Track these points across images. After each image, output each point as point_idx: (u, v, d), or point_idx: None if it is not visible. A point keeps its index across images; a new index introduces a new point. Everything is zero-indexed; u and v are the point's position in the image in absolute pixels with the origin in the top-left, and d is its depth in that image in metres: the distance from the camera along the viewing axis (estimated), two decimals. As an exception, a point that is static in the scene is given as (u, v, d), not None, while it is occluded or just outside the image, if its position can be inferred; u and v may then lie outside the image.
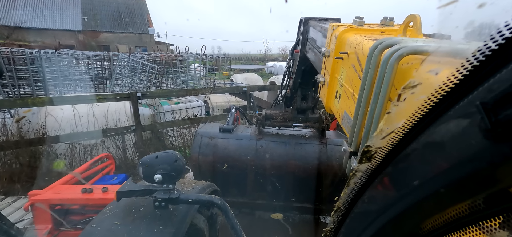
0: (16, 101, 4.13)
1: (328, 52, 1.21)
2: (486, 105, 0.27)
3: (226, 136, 2.76)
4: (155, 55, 8.02)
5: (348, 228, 0.63)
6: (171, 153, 1.10)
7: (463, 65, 0.32)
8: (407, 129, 0.42)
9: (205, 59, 8.75)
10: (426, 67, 0.50)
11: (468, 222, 0.32)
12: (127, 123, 4.65)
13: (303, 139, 2.75)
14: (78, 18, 26.04)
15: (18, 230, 0.93)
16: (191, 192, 1.19)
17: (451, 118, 0.34)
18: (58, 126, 3.98)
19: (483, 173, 0.28)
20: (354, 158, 0.77)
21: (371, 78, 0.67)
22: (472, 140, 0.29)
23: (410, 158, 0.42)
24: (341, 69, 1.08)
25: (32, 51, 5.68)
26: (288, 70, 2.60)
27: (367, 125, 0.68)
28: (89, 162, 3.53)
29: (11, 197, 3.26)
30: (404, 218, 0.42)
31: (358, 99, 0.75)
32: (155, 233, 0.99)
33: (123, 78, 6.88)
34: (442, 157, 0.34)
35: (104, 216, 1.09)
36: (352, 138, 0.80)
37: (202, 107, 5.95)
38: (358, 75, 0.83)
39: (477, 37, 0.41)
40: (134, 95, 4.46)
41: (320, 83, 1.35)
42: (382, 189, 0.50)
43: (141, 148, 4.57)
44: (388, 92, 0.62)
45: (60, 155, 3.89)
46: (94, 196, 2.61)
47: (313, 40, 1.75)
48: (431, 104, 0.37)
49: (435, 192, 0.34)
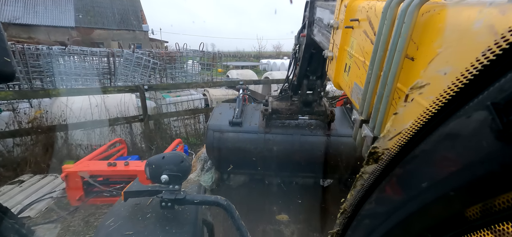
0: (39, 92, 4.59)
1: (337, 24, 1.16)
2: (498, 105, 0.26)
3: (235, 129, 2.86)
4: (156, 51, 8.46)
5: (355, 230, 0.61)
6: (178, 154, 1.11)
7: (473, 65, 0.31)
8: (415, 130, 0.41)
9: (203, 55, 9.24)
10: (453, 14, 0.45)
11: (479, 225, 0.30)
12: (135, 114, 5.14)
13: (309, 130, 2.85)
14: (71, 15, 25.81)
15: (29, 229, 0.97)
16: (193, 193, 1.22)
17: (461, 118, 0.32)
18: (73, 115, 4.44)
19: (495, 175, 0.26)
20: (365, 126, 0.73)
21: (385, 36, 0.62)
22: (483, 141, 0.28)
23: (418, 160, 0.41)
24: (351, 40, 1.03)
25: (43, 47, 6.06)
26: (294, 56, 2.52)
27: (381, 88, 0.63)
28: (106, 145, 4.04)
29: (39, 175, 3.74)
30: (412, 221, 0.41)
31: (370, 63, 0.70)
32: (175, 234, 1.00)
33: (127, 73, 7.32)
34: (452, 159, 0.33)
35: (114, 218, 1.08)
36: (363, 106, 0.76)
37: (202, 100, 6.46)
38: (370, 40, 0.79)
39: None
40: (142, 88, 4.95)
41: (328, 58, 1.31)
42: (389, 191, 0.49)
43: (148, 136, 5.07)
44: (405, 47, 0.56)
45: (77, 139, 4.36)
46: (118, 168, 3.13)
47: (320, 20, 1.71)
48: (440, 104, 0.36)
49: (445, 195, 0.33)
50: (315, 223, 2.93)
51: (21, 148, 3.99)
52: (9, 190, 3.30)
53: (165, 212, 1.08)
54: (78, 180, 3.02)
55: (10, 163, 3.80)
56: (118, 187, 3.16)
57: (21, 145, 4.00)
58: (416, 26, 0.55)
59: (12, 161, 3.84)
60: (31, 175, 3.72)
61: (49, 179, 3.67)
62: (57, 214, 3.00)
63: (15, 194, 3.21)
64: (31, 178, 3.65)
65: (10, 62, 0.70)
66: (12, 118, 4.09)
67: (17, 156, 3.94)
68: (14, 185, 3.43)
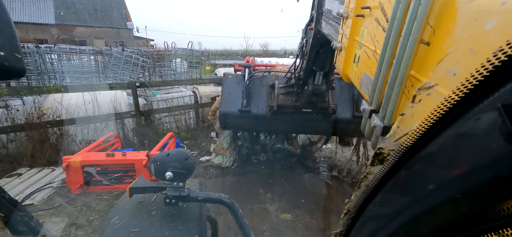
0: (43, 88, 4.74)
1: (347, 13, 1.15)
2: (509, 107, 0.26)
3: (244, 115, 3.31)
4: (145, 50, 8.58)
5: (358, 231, 0.61)
6: (182, 152, 1.12)
7: (483, 65, 0.30)
8: (422, 131, 0.41)
9: (191, 54, 9.46)
10: (465, 8, 0.42)
11: (486, 230, 0.30)
12: (127, 110, 5.35)
13: (311, 116, 3.20)
14: (51, 11, 24.86)
15: (37, 222, 0.99)
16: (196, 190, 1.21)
17: (470, 120, 0.32)
18: (68, 111, 4.60)
19: (505, 179, 0.26)
20: (375, 116, 0.72)
21: (399, 20, 0.60)
22: (492, 144, 0.27)
23: (425, 162, 0.41)
24: (361, 29, 1.02)
25: (31, 46, 6.05)
26: (301, 50, 2.50)
27: (393, 75, 0.61)
28: (102, 138, 4.25)
29: (36, 168, 3.90)
30: (418, 223, 0.40)
31: (382, 50, 0.69)
32: (180, 230, 1.01)
33: (117, 71, 7.42)
34: (460, 161, 0.33)
35: (119, 215, 1.09)
36: (373, 96, 0.75)
37: (192, 97, 6.72)
38: (382, 28, 0.78)
39: None
40: (134, 85, 5.17)
41: (337, 49, 1.30)
42: (394, 193, 0.49)
43: (140, 131, 5.29)
44: (421, 31, 0.53)
45: (72, 135, 4.53)
46: (116, 159, 3.38)
47: (329, 11, 1.71)
48: (449, 105, 0.35)
49: (452, 198, 0.32)
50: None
51: (16, 143, 4.12)
52: (9, 182, 3.47)
53: (169, 209, 1.10)
54: (78, 169, 3.24)
55: (7, 157, 3.94)
56: (116, 176, 3.42)
57: (15, 141, 4.13)
58: (433, 6, 0.51)
59: (8, 156, 3.97)
60: (28, 168, 3.88)
61: (47, 172, 3.85)
62: (59, 202, 3.22)
63: (16, 185, 3.38)
64: (28, 171, 3.81)
65: (21, 59, 0.71)
66: (4, 115, 4.21)
67: (12, 150, 4.07)
68: (13, 178, 3.60)
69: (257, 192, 3.68)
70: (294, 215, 3.20)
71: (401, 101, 0.61)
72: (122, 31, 28.15)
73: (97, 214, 3.07)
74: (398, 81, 0.60)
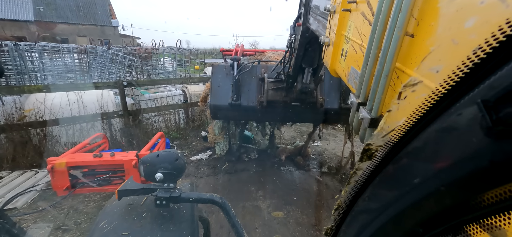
0: (24, 87, 4.50)
1: (334, 8, 1.16)
2: (487, 103, 0.27)
3: (235, 108, 3.41)
4: (132, 48, 8.36)
5: (349, 226, 0.62)
6: (172, 152, 1.09)
7: (464, 63, 0.32)
8: (408, 127, 0.42)
9: (179, 52, 9.32)
10: (447, 5, 0.43)
11: (469, 220, 0.32)
12: (114, 110, 5.21)
13: (300, 108, 3.30)
14: (29, 7, 23.74)
15: (20, 229, 0.95)
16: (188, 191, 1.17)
17: (452, 115, 0.33)
18: (51, 112, 4.43)
19: (484, 171, 0.27)
20: (362, 108, 0.73)
21: (385, 13, 0.62)
22: (473, 138, 0.28)
23: (411, 156, 0.42)
24: (348, 23, 1.03)
25: (9, 43, 5.73)
26: (290, 46, 2.51)
27: (379, 68, 0.63)
28: (88, 139, 4.12)
29: (18, 171, 3.74)
30: (405, 216, 0.41)
31: (368, 43, 0.70)
32: (172, 232, 1.00)
33: (103, 70, 7.20)
34: (443, 155, 0.34)
35: (108, 219, 1.05)
36: (360, 89, 0.76)
37: (181, 96, 6.63)
38: (368, 21, 0.79)
39: None
40: (121, 84, 5.04)
41: (325, 44, 1.31)
42: (383, 188, 0.50)
43: (128, 131, 5.17)
44: (405, 24, 0.54)
45: (56, 136, 4.37)
46: (104, 159, 3.30)
47: (317, 7, 1.73)
48: (433, 102, 0.37)
49: (436, 191, 0.34)
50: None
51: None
52: (-12, 186, 3.30)
53: (160, 211, 1.08)
54: (64, 171, 3.14)
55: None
56: (104, 177, 3.33)
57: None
58: (417, 0, 0.53)
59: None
60: (9, 172, 3.70)
61: (30, 175, 3.69)
62: (44, 206, 3.10)
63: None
64: (10, 175, 3.64)
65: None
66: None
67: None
68: (-8, 181, 3.42)
69: (249, 190, 3.71)
70: (286, 211, 3.25)
71: (387, 93, 0.63)
72: (106, 29, 27.31)
73: (85, 217, 2.99)
74: (384, 74, 0.61)
